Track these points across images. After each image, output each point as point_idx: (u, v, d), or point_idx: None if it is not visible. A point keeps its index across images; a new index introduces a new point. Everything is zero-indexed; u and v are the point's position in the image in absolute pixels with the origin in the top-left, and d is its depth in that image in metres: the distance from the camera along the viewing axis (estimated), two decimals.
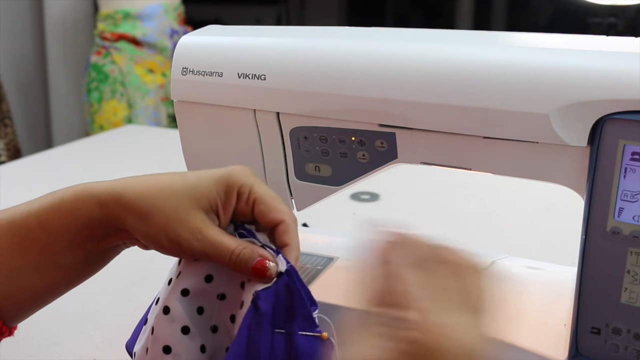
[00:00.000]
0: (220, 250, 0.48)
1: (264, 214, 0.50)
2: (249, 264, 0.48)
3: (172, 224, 0.48)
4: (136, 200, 0.48)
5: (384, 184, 1.24)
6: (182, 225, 0.48)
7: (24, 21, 2.84)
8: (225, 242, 0.49)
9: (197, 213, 0.49)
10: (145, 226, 0.48)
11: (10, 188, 1.28)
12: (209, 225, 0.49)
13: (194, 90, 0.66)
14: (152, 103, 2.37)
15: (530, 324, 0.62)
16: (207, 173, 0.51)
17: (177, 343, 0.49)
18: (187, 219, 0.48)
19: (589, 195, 0.54)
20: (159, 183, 0.50)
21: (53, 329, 0.78)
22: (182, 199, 0.49)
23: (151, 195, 0.49)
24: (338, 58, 0.61)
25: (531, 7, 3.04)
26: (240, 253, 0.48)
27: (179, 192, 0.49)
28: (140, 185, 0.49)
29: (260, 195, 0.50)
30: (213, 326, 0.51)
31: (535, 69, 0.54)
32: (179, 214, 0.48)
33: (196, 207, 0.49)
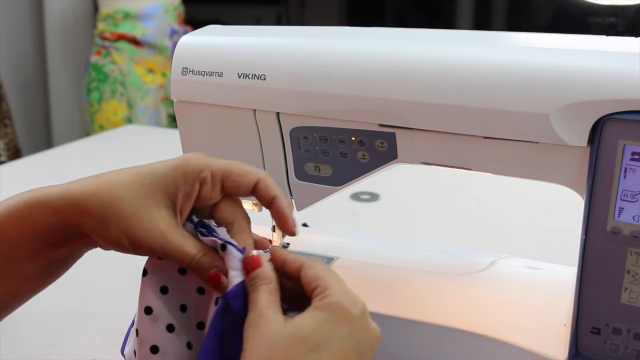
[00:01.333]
0: (181, 255, 0.47)
1: (239, 183, 0.49)
2: (205, 272, 0.48)
3: (133, 227, 0.47)
4: (93, 205, 0.47)
5: (384, 184, 1.24)
6: (143, 228, 0.47)
7: (24, 21, 2.84)
8: (186, 247, 0.48)
9: (158, 212, 0.47)
10: (106, 230, 0.47)
11: (10, 188, 1.28)
12: (171, 226, 0.48)
13: (194, 90, 0.66)
14: (152, 103, 2.37)
15: (530, 324, 0.62)
16: (162, 165, 0.49)
17: (164, 342, 0.49)
18: (149, 221, 0.47)
19: (589, 195, 0.54)
20: (116, 184, 0.48)
21: (53, 329, 0.78)
22: (141, 199, 0.47)
23: (109, 198, 0.47)
24: (338, 58, 0.61)
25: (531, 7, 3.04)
26: (199, 260, 0.48)
27: (137, 191, 0.47)
28: (97, 188, 0.48)
29: (225, 169, 0.49)
30: (199, 323, 0.51)
31: (535, 69, 0.54)
32: (139, 215, 0.47)
33: (156, 205, 0.47)
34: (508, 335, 0.60)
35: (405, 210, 1.17)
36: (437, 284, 0.68)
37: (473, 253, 0.75)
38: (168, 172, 0.48)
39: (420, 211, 1.16)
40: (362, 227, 1.09)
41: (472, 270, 0.71)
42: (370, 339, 0.45)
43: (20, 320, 0.78)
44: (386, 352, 0.64)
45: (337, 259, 0.74)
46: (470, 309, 0.64)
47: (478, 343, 0.61)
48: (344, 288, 0.45)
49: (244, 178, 0.49)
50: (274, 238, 0.75)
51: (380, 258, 0.74)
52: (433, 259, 0.74)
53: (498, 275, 0.70)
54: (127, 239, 0.47)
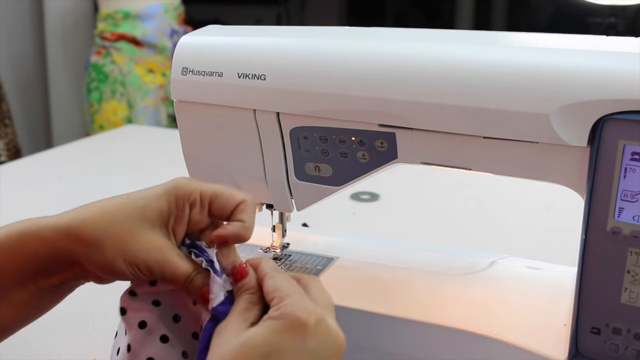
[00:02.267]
0: (178, 273, 0.48)
1: (225, 205, 0.50)
2: (197, 291, 0.48)
3: (128, 246, 0.47)
4: (86, 230, 0.47)
5: (384, 184, 1.24)
6: (139, 246, 0.47)
7: (24, 21, 2.84)
8: (184, 266, 0.48)
9: (153, 232, 0.48)
10: (101, 255, 0.47)
11: (10, 188, 1.28)
12: (168, 245, 0.48)
13: (194, 90, 0.66)
14: (152, 103, 2.37)
15: (530, 324, 0.62)
16: (153, 190, 0.50)
17: (159, 353, 0.49)
18: (145, 240, 0.47)
19: (589, 195, 0.54)
20: (109, 209, 0.48)
21: (53, 329, 0.78)
22: (135, 221, 0.48)
23: (103, 223, 0.47)
24: (338, 58, 0.61)
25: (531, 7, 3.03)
26: (194, 279, 0.48)
27: (130, 215, 0.48)
28: (89, 215, 0.48)
29: (212, 193, 0.50)
30: (194, 333, 0.51)
31: (535, 69, 0.54)
32: (135, 235, 0.47)
33: (150, 226, 0.48)
34: (508, 335, 0.60)
35: (405, 210, 1.17)
36: (437, 284, 0.68)
37: (473, 253, 0.75)
38: (159, 197, 0.49)
39: (420, 211, 1.16)
40: (362, 227, 1.09)
41: (472, 270, 0.71)
42: (330, 347, 0.45)
43: None
44: (386, 352, 0.64)
45: (337, 259, 0.74)
46: (470, 309, 0.64)
47: (478, 343, 0.61)
48: (300, 299, 0.45)
49: (230, 199, 0.50)
50: (274, 238, 0.75)
51: (380, 258, 0.74)
52: (433, 259, 0.74)
53: (498, 275, 0.70)
54: (123, 260, 0.47)
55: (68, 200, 0.52)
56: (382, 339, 0.64)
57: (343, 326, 0.65)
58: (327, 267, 0.72)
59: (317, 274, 0.71)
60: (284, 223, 0.75)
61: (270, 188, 0.69)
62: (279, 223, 0.75)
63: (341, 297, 0.66)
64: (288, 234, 0.76)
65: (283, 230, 0.75)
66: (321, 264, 0.72)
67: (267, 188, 0.69)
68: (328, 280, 0.69)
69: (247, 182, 0.70)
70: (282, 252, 0.75)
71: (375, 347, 0.64)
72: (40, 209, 0.52)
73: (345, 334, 0.65)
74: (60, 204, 0.55)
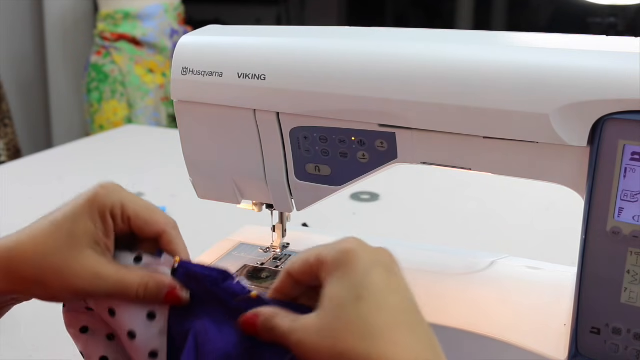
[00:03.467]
0: (123, 290, 0.47)
1: (142, 229, 0.49)
2: (159, 297, 0.47)
3: (68, 278, 0.46)
4: (25, 271, 0.46)
5: (384, 184, 1.24)
6: (78, 275, 0.46)
7: (24, 21, 2.84)
8: (127, 280, 0.47)
9: (86, 256, 0.47)
10: (44, 291, 0.47)
11: (10, 188, 1.28)
12: (104, 265, 0.47)
13: (194, 90, 0.66)
14: (152, 103, 2.37)
15: (530, 324, 0.62)
16: (73, 208, 0.48)
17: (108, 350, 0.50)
18: (81, 266, 0.46)
19: (589, 195, 0.54)
20: (38, 240, 0.47)
21: (53, 329, 0.77)
22: (67, 249, 0.47)
23: (38, 259, 0.46)
24: (338, 58, 0.61)
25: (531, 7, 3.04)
26: (147, 290, 0.47)
27: (60, 243, 0.47)
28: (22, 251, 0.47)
29: (133, 211, 0.49)
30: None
31: (535, 69, 0.54)
32: (70, 265, 0.46)
33: (82, 250, 0.47)
34: (508, 335, 0.60)
35: (405, 210, 1.17)
36: (437, 284, 0.68)
37: (473, 253, 0.75)
38: (82, 215, 0.48)
39: (420, 211, 1.16)
40: (362, 227, 1.09)
41: (472, 270, 0.71)
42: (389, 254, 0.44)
43: (20, 320, 0.78)
44: None
45: None
46: (470, 309, 0.64)
47: (478, 343, 0.61)
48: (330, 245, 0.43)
49: (149, 227, 0.49)
50: (274, 238, 0.75)
51: None
52: (433, 259, 0.74)
53: (498, 275, 0.70)
54: (67, 293, 0.47)
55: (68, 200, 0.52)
56: None
57: None
58: None
59: None
60: (284, 223, 0.75)
61: (270, 188, 0.69)
62: (279, 223, 0.75)
63: None
64: (288, 234, 0.76)
65: (283, 230, 0.75)
66: None
67: (267, 188, 0.69)
68: None
69: (247, 182, 0.70)
70: (282, 252, 0.75)
71: None
72: (40, 209, 0.52)
73: None
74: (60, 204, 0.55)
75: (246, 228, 0.82)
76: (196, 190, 0.74)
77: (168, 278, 0.48)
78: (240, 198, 0.72)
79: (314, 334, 0.41)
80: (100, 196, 0.48)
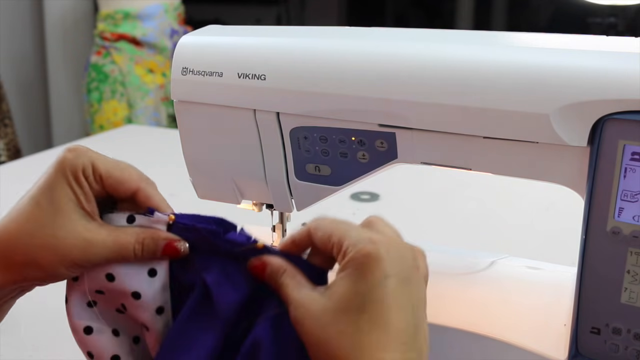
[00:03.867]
0: (120, 251, 0.46)
1: (115, 188, 0.48)
2: (157, 252, 0.46)
3: (60, 252, 0.45)
4: (15, 254, 0.46)
5: (384, 184, 1.24)
6: (69, 246, 0.45)
7: (24, 21, 2.84)
8: (122, 241, 0.46)
9: (73, 224, 0.46)
10: (39, 270, 0.46)
11: (10, 188, 1.28)
12: (93, 230, 0.46)
13: (194, 90, 0.66)
14: (152, 103, 2.37)
15: (530, 324, 0.62)
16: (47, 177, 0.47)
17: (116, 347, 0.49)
18: (70, 237, 0.45)
19: (589, 195, 0.54)
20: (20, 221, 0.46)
21: (53, 328, 0.78)
22: (51, 222, 0.46)
23: (23, 239, 0.46)
24: (338, 58, 0.61)
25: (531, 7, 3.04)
26: (143, 246, 0.46)
27: (42, 217, 0.46)
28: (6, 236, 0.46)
29: (104, 170, 0.47)
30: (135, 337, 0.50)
31: (535, 69, 0.54)
32: (60, 238, 0.45)
33: (67, 218, 0.46)
34: (508, 335, 0.60)
35: (405, 210, 1.17)
36: (437, 284, 0.68)
37: (473, 253, 0.75)
38: (56, 182, 0.47)
39: (420, 211, 1.16)
40: None
41: (472, 270, 0.71)
42: (413, 257, 0.44)
43: (20, 320, 0.78)
44: None
45: None
46: (470, 309, 0.64)
47: (478, 343, 0.61)
48: (358, 234, 0.43)
49: (121, 184, 0.48)
50: (274, 238, 0.75)
51: None
52: (433, 259, 0.73)
53: (498, 275, 0.70)
54: (62, 265, 0.46)
55: None
56: None
57: None
58: None
59: None
60: (284, 223, 0.75)
61: (270, 188, 0.69)
62: (279, 223, 0.75)
63: None
64: (288, 234, 0.76)
65: (283, 230, 0.75)
66: None
67: (267, 188, 0.69)
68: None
69: (247, 182, 0.70)
70: None
71: None
72: None
73: None
74: None
75: (246, 228, 0.82)
76: (196, 190, 0.74)
77: (164, 232, 0.47)
78: (240, 198, 0.72)
79: (314, 319, 0.41)
80: (69, 159, 0.47)
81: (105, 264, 0.47)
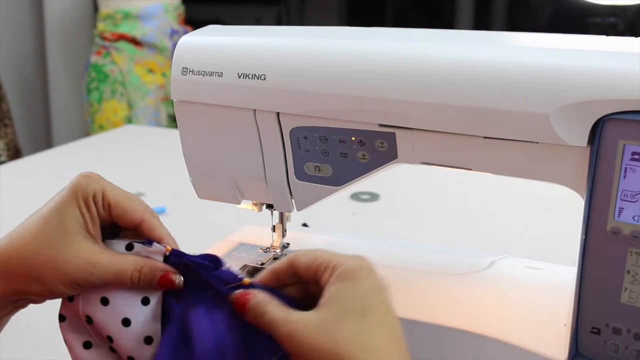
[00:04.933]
0: (118, 276, 0.48)
1: (122, 217, 0.50)
2: (153, 281, 0.48)
3: (63, 271, 0.47)
4: (19, 268, 0.47)
5: (384, 184, 1.24)
6: (71, 265, 0.47)
7: (24, 21, 2.83)
8: (121, 267, 0.48)
9: (78, 245, 0.47)
10: (40, 286, 0.47)
11: (10, 188, 1.28)
12: (97, 253, 0.48)
13: (194, 90, 0.66)
14: (152, 103, 2.37)
15: (530, 324, 0.62)
16: (59, 199, 0.49)
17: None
18: (73, 257, 0.47)
19: (589, 195, 0.54)
20: (27, 237, 0.48)
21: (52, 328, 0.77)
22: (57, 241, 0.47)
23: (28, 254, 0.47)
24: (338, 58, 0.61)
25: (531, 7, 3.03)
26: (141, 274, 0.48)
27: (49, 236, 0.47)
28: (13, 250, 0.47)
29: (112, 199, 0.50)
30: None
31: (535, 69, 0.54)
32: (63, 255, 0.47)
33: (72, 240, 0.47)
34: (508, 335, 0.60)
35: (405, 210, 1.17)
36: (437, 284, 0.68)
37: (473, 253, 0.75)
38: (69, 205, 0.49)
39: (420, 211, 1.16)
40: (362, 227, 1.09)
41: (472, 270, 0.71)
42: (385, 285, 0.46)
43: (20, 320, 0.78)
44: None
45: None
46: (470, 309, 0.64)
47: (478, 343, 0.61)
48: (342, 255, 0.46)
49: (128, 215, 0.50)
50: (274, 238, 0.75)
51: (380, 258, 0.74)
52: (433, 259, 0.74)
53: (498, 275, 0.70)
54: (61, 283, 0.47)
55: None
56: None
57: None
58: None
59: None
60: (284, 223, 0.75)
61: (270, 188, 0.69)
62: (279, 223, 0.75)
63: None
64: (288, 234, 0.76)
65: (283, 230, 0.75)
66: None
67: (267, 188, 0.69)
68: None
69: (247, 182, 0.70)
70: (282, 252, 0.75)
71: None
72: None
73: None
74: None
75: (246, 228, 0.82)
76: (196, 190, 0.74)
77: (161, 263, 0.49)
78: (240, 198, 0.72)
79: (312, 329, 0.42)
80: (82, 184, 0.49)
81: (102, 287, 0.48)
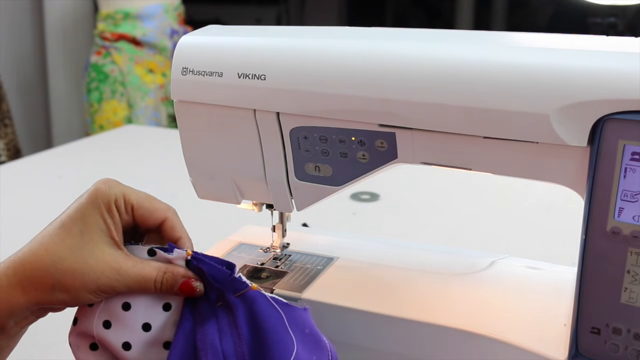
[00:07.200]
0: (142, 283, 0.48)
1: (146, 218, 0.51)
2: (174, 287, 0.49)
3: (88, 278, 0.47)
4: (44, 277, 0.47)
5: (384, 184, 1.24)
6: (95, 273, 0.47)
7: (24, 21, 2.83)
8: (145, 273, 0.49)
9: (101, 252, 0.48)
10: (66, 294, 0.47)
11: (10, 188, 1.28)
12: (121, 259, 0.48)
13: (194, 90, 0.66)
14: (152, 103, 2.37)
15: (531, 324, 0.62)
16: (79, 206, 0.49)
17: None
18: (97, 264, 0.48)
19: (589, 195, 0.54)
20: (49, 246, 0.48)
21: (52, 328, 0.77)
22: (80, 249, 0.48)
23: (52, 263, 0.47)
24: (338, 58, 0.61)
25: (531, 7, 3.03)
26: (163, 280, 0.49)
27: (72, 244, 0.48)
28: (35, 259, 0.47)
29: (135, 201, 0.51)
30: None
31: (535, 69, 0.54)
32: (87, 263, 0.47)
33: (96, 247, 0.48)
34: (508, 335, 0.60)
35: (405, 210, 1.17)
36: (437, 284, 0.68)
37: (473, 253, 0.75)
38: (90, 212, 0.49)
39: (420, 211, 1.16)
40: (362, 227, 1.09)
41: (472, 270, 0.71)
42: None
43: None
44: (386, 352, 0.64)
45: (337, 259, 0.74)
46: (470, 309, 0.64)
47: (478, 343, 0.61)
48: None
49: (152, 214, 0.51)
50: (274, 238, 0.75)
51: (380, 258, 0.74)
52: (433, 259, 0.74)
53: (498, 275, 0.70)
54: (86, 290, 0.48)
55: (68, 200, 0.52)
56: (382, 339, 0.64)
57: (344, 326, 0.65)
58: (327, 267, 0.72)
59: (317, 274, 0.71)
60: (284, 223, 0.75)
61: (270, 188, 0.69)
62: (279, 223, 0.75)
63: (341, 297, 0.66)
64: (288, 234, 0.76)
65: (283, 230, 0.75)
66: (321, 264, 0.72)
67: (267, 188, 0.69)
68: (328, 280, 0.69)
69: (247, 182, 0.70)
70: (282, 252, 0.75)
71: (375, 347, 0.64)
72: (40, 209, 0.52)
73: (346, 334, 0.65)
74: (61, 204, 0.55)
75: (246, 228, 0.82)
76: (196, 190, 0.74)
77: (182, 269, 0.50)
78: (240, 198, 0.72)
79: None
80: (102, 190, 0.50)
81: (125, 293, 0.49)
